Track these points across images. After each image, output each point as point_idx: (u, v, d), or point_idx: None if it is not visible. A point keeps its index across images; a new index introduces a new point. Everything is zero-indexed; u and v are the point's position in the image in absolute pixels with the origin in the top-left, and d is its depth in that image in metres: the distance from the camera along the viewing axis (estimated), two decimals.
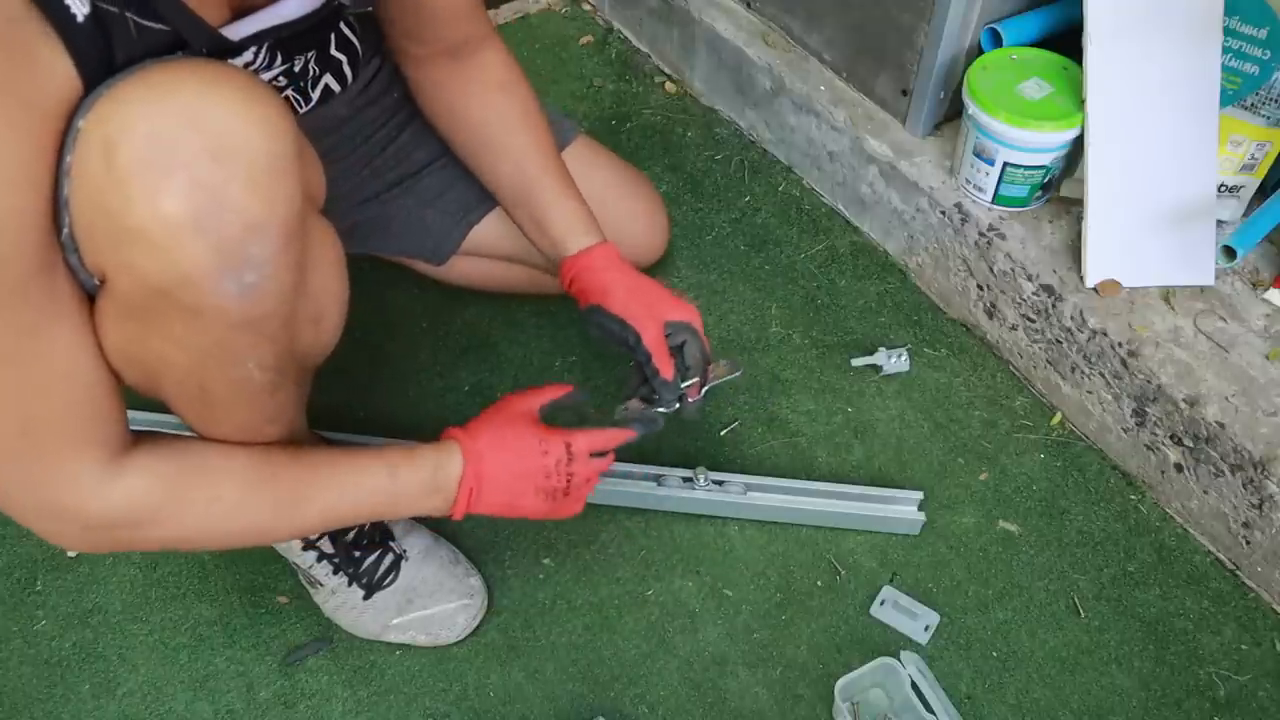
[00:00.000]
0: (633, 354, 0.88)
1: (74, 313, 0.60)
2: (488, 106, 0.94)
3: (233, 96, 0.56)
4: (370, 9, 0.92)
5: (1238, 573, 1.00)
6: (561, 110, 1.27)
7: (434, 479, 0.79)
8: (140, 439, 0.68)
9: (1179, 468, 1.00)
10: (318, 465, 0.76)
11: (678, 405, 0.90)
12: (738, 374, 0.94)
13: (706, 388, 0.91)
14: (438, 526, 1.02)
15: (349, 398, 1.13)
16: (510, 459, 0.81)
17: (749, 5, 1.36)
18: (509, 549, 1.02)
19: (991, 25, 1.10)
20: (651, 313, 0.88)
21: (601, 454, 0.86)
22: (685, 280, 1.25)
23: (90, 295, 0.61)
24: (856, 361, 1.16)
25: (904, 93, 1.18)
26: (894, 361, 1.14)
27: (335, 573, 0.93)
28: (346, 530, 0.93)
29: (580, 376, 1.16)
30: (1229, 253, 1.02)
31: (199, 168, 0.55)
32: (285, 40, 0.74)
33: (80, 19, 0.53)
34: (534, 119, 0.95)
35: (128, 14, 0.56)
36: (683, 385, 0.89)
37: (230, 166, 0.56)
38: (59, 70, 0.54)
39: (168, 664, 0.95)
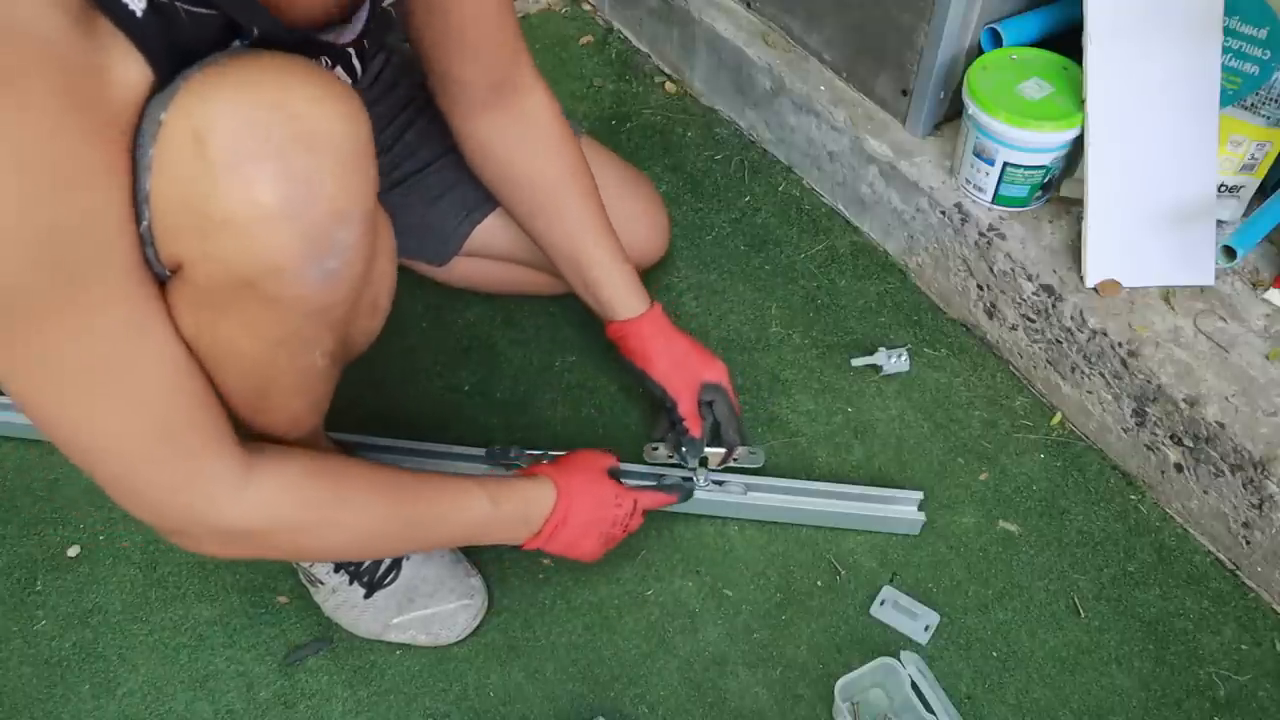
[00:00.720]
0: (669, 415, 1.02)
1: (163, 308, 0.60)
2: (538, 166, 0.96)
3: (314, 88, 0.57)
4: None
5: (1238, 573, 1.00)
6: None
7: (527, 510, 0.84)
8: (251, 445, 0.68)
9: (1179, 468, 1.00)
10: (427, 485, 0.79)
11: (696, 465, 1.02)
12: (759, 464, 1.05)
13: (724, 465, 1.04)
14: None
15: (349, 397, 1.13)
16: (594, 503, 0.88)
17: (749, 5, 1.36)
18: (509, 549, 1.02)
19: (991, 25, 1.10)
20: (687, 382, 1.01)
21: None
22: (685, 280, 1.25)
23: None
24: (856, 361, 1.16)
25: (904, 93, 1.18)
26: (894, 361, 1.14)
27: (336, 571, 0.93)
28: None
29: (580, 377, 1.16)
30: (1229, 253, 1.02)
31: (291, 156, 0.55)
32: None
33: (139, 14, 0.53)
34: (582, 176, 0.97)
35: (176, 3, 0.55)
36: (706, 449, 1.02)
37: (319, 155, 0.56)
38: (131, 66, 0.54)
39: (168, 664, 0.95)
